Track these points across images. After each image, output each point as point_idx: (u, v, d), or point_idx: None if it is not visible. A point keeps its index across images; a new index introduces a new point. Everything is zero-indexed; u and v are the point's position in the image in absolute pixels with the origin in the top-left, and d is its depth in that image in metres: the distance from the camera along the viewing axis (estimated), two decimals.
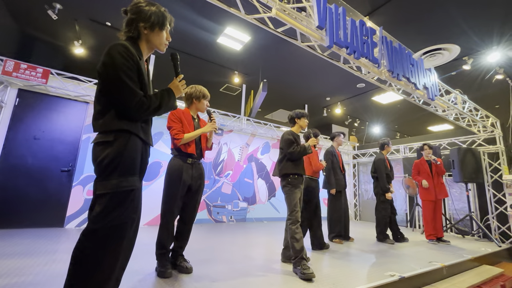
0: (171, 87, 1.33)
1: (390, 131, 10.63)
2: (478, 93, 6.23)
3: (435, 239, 3.92)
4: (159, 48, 1.35)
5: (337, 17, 2.65)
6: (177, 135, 2.00)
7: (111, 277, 1.09)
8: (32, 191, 3.61)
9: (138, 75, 1.19)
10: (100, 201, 1.08)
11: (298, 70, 5.82)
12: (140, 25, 1.25)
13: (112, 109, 1.15)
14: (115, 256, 1.10)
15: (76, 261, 1.03)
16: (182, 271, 2.00)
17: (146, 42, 1.30)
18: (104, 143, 1.12)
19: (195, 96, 2.18)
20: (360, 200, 7.36)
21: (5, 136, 3.56)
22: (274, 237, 3.81)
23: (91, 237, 1.05)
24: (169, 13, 1.35)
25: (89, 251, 1.04)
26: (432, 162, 4.03)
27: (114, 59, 1.12)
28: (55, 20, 4.17)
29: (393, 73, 3.17)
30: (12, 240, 2.81)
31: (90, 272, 1.03)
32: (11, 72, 3.56)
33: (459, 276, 2.64)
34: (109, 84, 1.13)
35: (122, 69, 1.12)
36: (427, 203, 4.01)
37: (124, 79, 1.11)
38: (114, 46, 1.14)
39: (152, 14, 1.25)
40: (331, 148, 3.82)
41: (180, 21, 4.25)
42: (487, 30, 4.13)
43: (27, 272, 1.86)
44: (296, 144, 2.41)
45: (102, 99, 1.16)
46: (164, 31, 1.33)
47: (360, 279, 2.03)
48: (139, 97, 1.15)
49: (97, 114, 1.15)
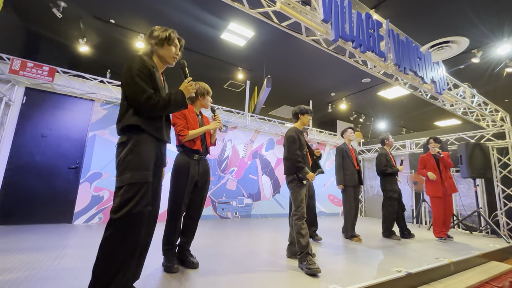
0: (181, 88, 1.50)
1: (396, 127, 10.49)
2: (487, 86, 6.09)
3: (445, 237, 3.75)
4: (168, 61, 1.56)
5: (342, 10, 2.60)
6: (182, 132, 2.00)
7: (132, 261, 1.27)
8: (40, 188, 3.68)
9: (151, 79, 1.37)
10: (118, 194, 1.26)
11: (303, 66, 5.76)
12: (152, 42, 1.51)
13: (130, 109, 1.33)
14: (134, 242, 1.27)
15: (101, 246, 1.23)
16: (188, 266, 2.01)
17: (158, 56, 1.53)
18: (121, 144, 1.32)
19: (199, 93, 2.18)
20: (365, 196, 7.32)
21: (13, 135, 3.62)
22: (279, 233, 3.81)
23: (113, 226, 1.23)
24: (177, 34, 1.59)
25: (112, 238, 1.22)
26: (438, 156, 3.88)
27: (130, 66, 1.34)
28: (60, 19, 4.19)
29: (399, 66, 3.11)
30: (22, 235, 2.87)
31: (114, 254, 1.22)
32: (18, 71, 3.60)
33: (467, 272, 2.61)
34: (126, 87, 1.33)
35: (135, 72, 1.33)
36: (435, 200, 3.84)
37: (135, 79, 1.32)
38: (131, 58, 1.38)
39: (160, 34, 1.50)
40: (343, 145, 3.75)
41: (184, 16, 4.23)
42: (498, 21, 4.01)
43: (37, 266, 1.90)
44: (298, 143, 2.38)
45: (123, 104, 1.35)
46: (172, 46, 1.54)
47: (366, 275, 2.02)
48: (148, 94, 1.32)
49: (119, 118, 1.35)
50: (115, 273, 1.20)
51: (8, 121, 3.60)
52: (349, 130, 3.80)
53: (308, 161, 2.44)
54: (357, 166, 3.64)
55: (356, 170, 3.61)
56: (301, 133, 2.49)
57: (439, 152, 3.85)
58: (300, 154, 2.34)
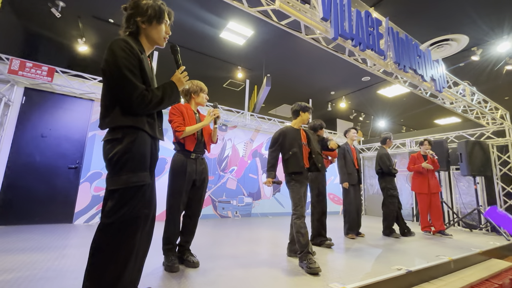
0: (173, 79, 1.31)
1: (396, 125, 10.49)
2: (487, 84, 6.08)
3: (429, 231, 4.10)
4: (158, 42, 1.32)
5: (342, 8, 2.59)
6: (178, 128, 1.98)
7: (127, 268, 1.13)
8: (41, 188, 3.68)
9: (140, 69, 1.18)
10: (112, 196, 1.11)
11: (302, 64, 5.75)
12: (138, 20, 1.24)
13: (117, 105, 1.15)
14: (130, 248, 1.13)
15: (93, 253, 1.09)
16: (189, 265, 2.02)
17: (146, 37, 1.29)
18: (113, 140, 1.14)
19: (193, 91, 2.16)
20: (365, 194, 7.32)
21: (13, 135, 3.62)
22: (279, 232, 3.82)
23: (106, 231, 1.09)
24: (168, 7, 1.33)
25: (104, 244, 1.09)
26: (428, 156, 4.12)
27: (115, 54, 1.12)
28: (58, 18, 4.18)
29: (399, 65, 3.11)
30: (22, 236, 2.87)
31: (107, 262, 1.08)
32: (17, 71, 3.59)
33: (467, 270, 2.61)
34: (111, 79, 1.13)
35: (123, 63, 1.12)
36: (421, 196, 4.16)
37: (125, 73, 1.11)
38: (115, 42, 1.14)
39: (148, 8, 1.24)
40: (345, 144, 3.82)
41: (183, 15, 4.22)
42: (498, 19, 4.00)
43: (38, 266, 1.90)
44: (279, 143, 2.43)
45: (107, 96, 1.16)
46: (163, 24, 1.30)
47: (367, 273, 2.02)
48: (141, 91, 1.14)
49: (103, 112, 1.16)
50: (110, 284, 1.08)
51: (8, 121, 3.59)
52: (352, 130, 3.87)
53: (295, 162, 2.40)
54: (357, 166, 3.72)
55: (356, 169, 3.68)
56: (294, 132, 2.46)
57: (432, 154, 4.08)
58: (275, 156, 2.45)
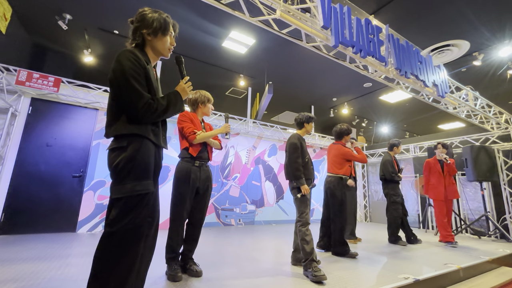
0: (178, 89, 1.35)
1: (399, 131, 10.43)
2: (490, 89, 6.06)
3: (453, 241, 3.69)
4: (163, 53, 1.37)
5: (342, 17, 2.63)
6: (191, 133, 2.02)
7: (130, 277, 1.12)
8: (45, 197, 3.70)
9: (146, 79, 1.22)
10: (116, 205, 1.12)
11: (304, 72, 5.80)
12: (144, 32, 1.29)
13: (123, 114, 1.18)
14: (133, 257, 1.13)
15: (97, 261, 1.09)
16: (192, 274, 2.00)
17: (151, 48, 1.34)
18: (118, 149, 1.16)
19: (200, 101, 2.21)
20: (370, 201, 7.23)
21: (19, 144, 3.67)
22: (283, 240, 3.77)
23: (109, 240, 1.10)
24: (172, 19, 1.38)
25: (108, 253, 1.09)
26: (444, 162, 3.91)
27: (122, 64, 1.16)
28: (65, 31, 4.30)
29: (400, 71, 3.12)
30: (26, 245, 2.88)
31: (110, 271, 1.08)
32: (24, 82, 3.67)
33: (477, 278, 2.54)
34: (118, 89, 1.17)
35: (130, 72, 1.16)
36: (438, 203, 3.89)
37: (131, 82, 1.15)
38: (122, 53, 1.19)
39: (154, 20, 1.29)
40: None
41: (185, 26, 4.31)
42: (499, 24, 4.02)
43: (41, 276, 1.89)
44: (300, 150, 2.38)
45: (114, 106, 1.20)
46: (168, 36, 1.35)
47: (373, 282, 1.98)
48: (146, 100, 1.18)
49: (109, 121, 1.19)
50: None
51: (14, 131, 3.65)
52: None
53: (310, 169, 2.43)
54: (354, 174, 3.77)
55: (353, 176, 3.70)
56: (303, 140, 2.50)
57: (446, 158, 3.88)
58: (301, 162, 2.34)
